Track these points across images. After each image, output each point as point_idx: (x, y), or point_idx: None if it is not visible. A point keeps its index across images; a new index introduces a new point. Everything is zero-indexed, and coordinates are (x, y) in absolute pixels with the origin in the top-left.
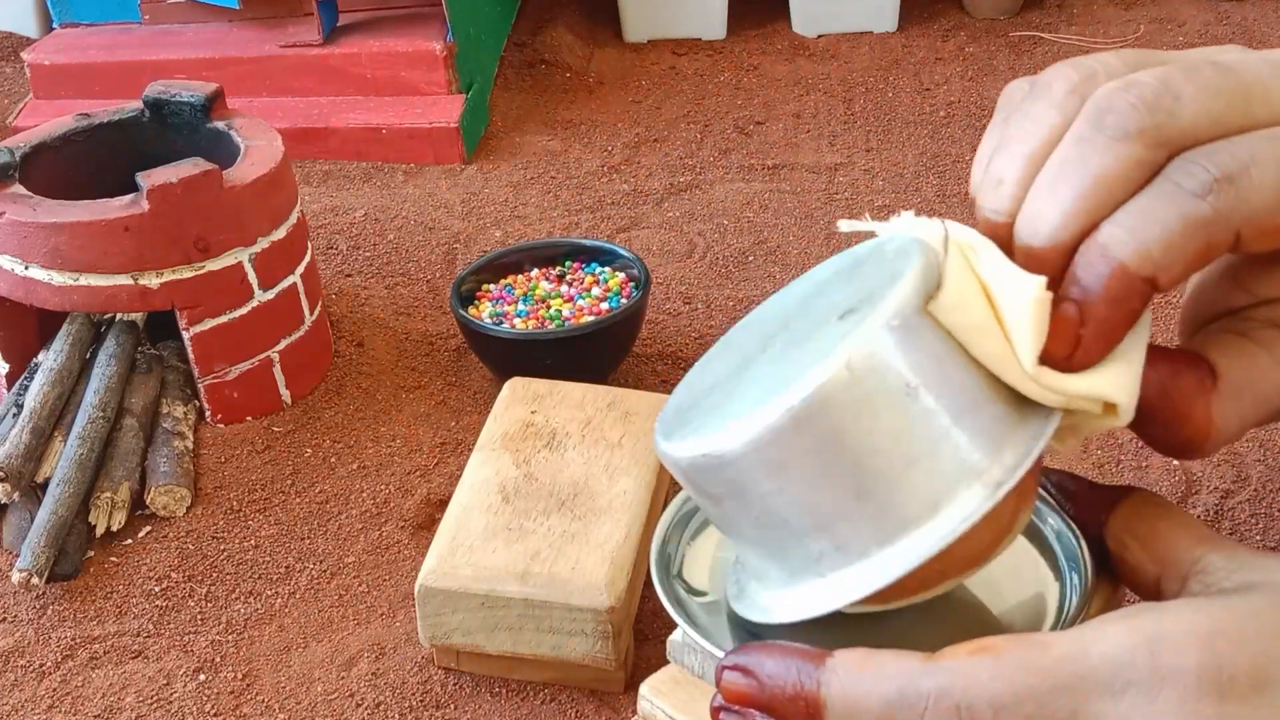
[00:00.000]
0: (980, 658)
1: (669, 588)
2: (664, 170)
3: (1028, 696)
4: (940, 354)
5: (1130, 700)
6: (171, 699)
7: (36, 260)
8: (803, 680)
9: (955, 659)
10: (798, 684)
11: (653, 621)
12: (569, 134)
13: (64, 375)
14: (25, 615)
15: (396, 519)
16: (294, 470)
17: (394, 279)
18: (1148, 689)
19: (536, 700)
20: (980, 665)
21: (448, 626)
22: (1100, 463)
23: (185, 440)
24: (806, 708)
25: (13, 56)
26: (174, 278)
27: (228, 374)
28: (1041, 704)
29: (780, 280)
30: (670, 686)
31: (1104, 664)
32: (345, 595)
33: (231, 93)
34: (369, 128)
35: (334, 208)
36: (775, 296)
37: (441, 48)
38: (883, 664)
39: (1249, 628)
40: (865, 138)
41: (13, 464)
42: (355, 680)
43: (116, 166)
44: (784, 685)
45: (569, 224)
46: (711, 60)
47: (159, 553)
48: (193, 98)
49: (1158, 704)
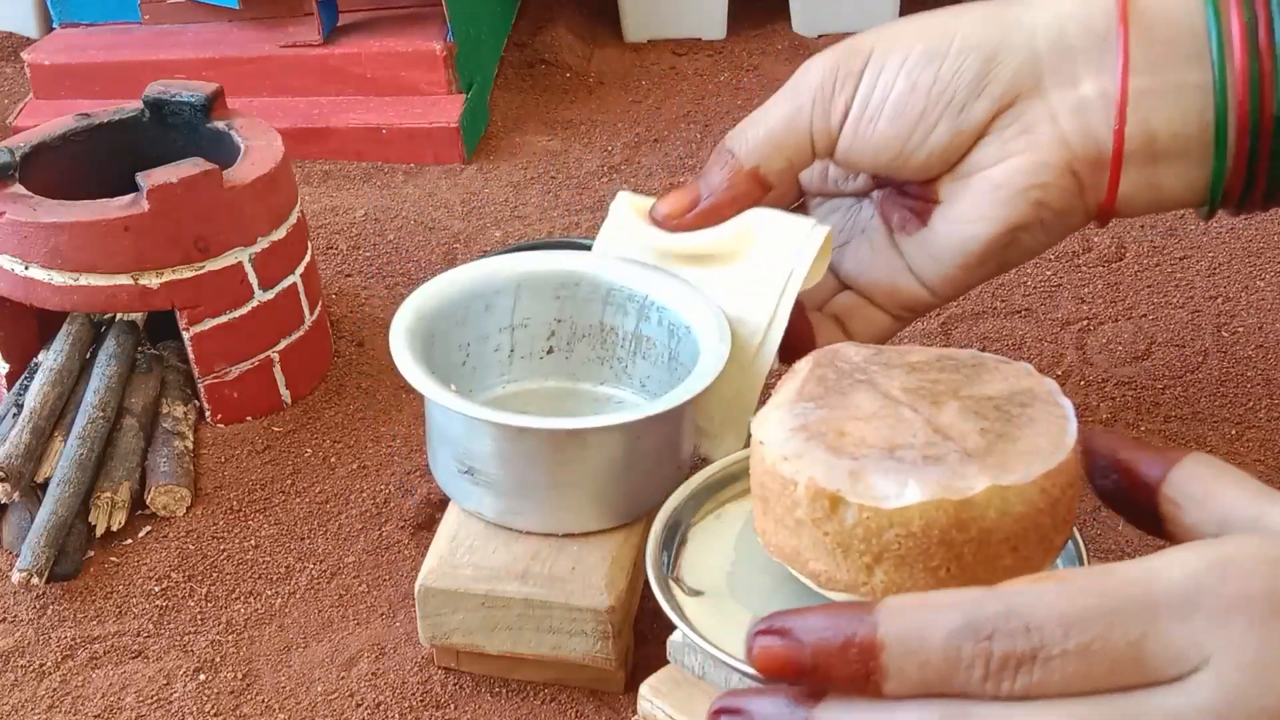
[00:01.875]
0: (1045, 583)
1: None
2: (664, 170)
3: (1097, 615)
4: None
5: (1199, 623)
6: (171, 699)
7: (36, 260)
8: (854, 627)
9: (1018, 585)
10: (849, 631)
11: (653, 621)
12: (569, 134)
13: (64, 375)
14: (25, 615)
15: (396, 519)
16: (294, 470)
17: (394, 279)
18: (1217, 613)
19: (536, 700)
20: (1046, 588)
21: (448, 626)
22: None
23: (185, 440)
24: (860, 654)
25: (13, 56)
26: (174, 278)
27: (228, 374)
28: (1110, 623)
29: None
30: (670, 686)
31: (1173, 588)
32: (345, 595)
33: (231, 93)
34: (369, 128)
35: (334, 208)
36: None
37: (441, 48)
38: (940, 598)
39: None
40: None
41: (13, 464)
42: (355, 680)
43: (116, 166)
44: (831, 637)
45: (569, 224)
46: (711, 60)
47: (159, 553)
48: (193, 98)
49: (1227, 628)
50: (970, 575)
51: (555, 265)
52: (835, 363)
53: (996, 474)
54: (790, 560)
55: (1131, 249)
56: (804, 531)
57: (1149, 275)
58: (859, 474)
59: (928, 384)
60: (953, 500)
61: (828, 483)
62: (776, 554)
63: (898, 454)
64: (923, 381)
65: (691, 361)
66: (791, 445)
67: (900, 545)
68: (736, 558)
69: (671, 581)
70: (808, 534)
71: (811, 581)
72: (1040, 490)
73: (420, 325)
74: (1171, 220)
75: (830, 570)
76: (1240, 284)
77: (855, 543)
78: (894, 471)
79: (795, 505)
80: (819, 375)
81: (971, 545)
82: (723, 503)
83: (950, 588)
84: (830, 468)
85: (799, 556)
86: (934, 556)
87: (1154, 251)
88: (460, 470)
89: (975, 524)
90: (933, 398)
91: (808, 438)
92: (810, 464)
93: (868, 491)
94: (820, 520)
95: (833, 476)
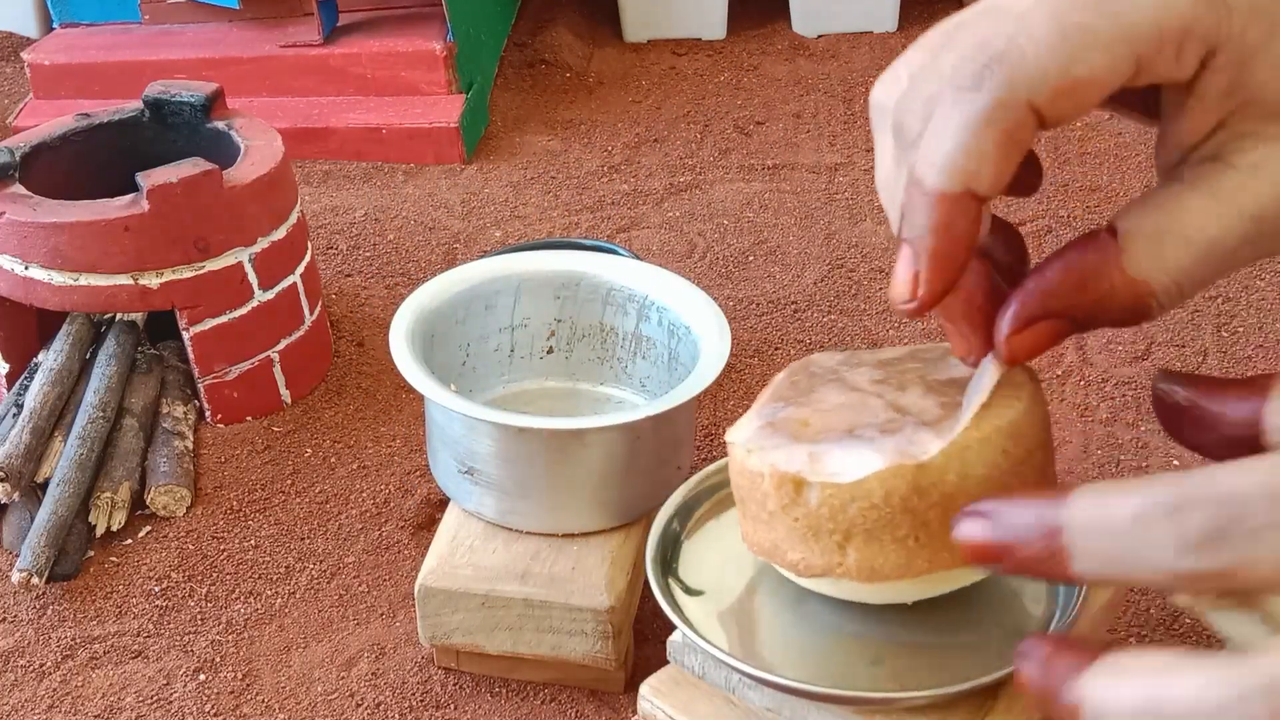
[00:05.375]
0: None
1: (665, 588)
2: (664, 170)
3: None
4: None
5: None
6: (171, 699)
7: (37, 260)
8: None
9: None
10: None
11: (653, 621)
12: (569, 134)
13: (64, 375)
14: (25, 615)
15: (396, 519)
16: (294, 470)
17: (394, 279)
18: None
19: (536, 700)
20: (1247, 461)
21: (448, 626)
22: (1101, 463)
23: (185, 440)
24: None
25: (13, 56)
26: (174, 278)
27: (228, 374)
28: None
29: (780, 280)
30: (670, 686)
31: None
32: (345, 595)
33: (231, 93)
34: (369, 128)
35: (334, 208)
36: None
37: (441, 48)
38: (1134, 483)
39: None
40: (865, 138)
41: (13, 464)
42: (355, 680)
43: (116, 166)
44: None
45: (569, 224)
46: (711, 60)
47: (159, 553)
48: (193, 98)
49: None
50: (940, 543)
51: (555, 265)
52: (809, 369)
53: (947, 436)
54: (770, 555)
55: None
56: (777, 522)
57: None
58: (818, 455)
59: (895, 374)
60: (909, 465)
61: (788, 466)
62: (758, 552)
63: (857, 433)
64: (890, 373)
65: (691, 361)
66: (757, 440)
67: (865, 519)
68: (736, 558)
69: (671, 581)
70: (781, 524)
71: (791, 572)
72: (1002, 452)
73: (420, 325)
74: None
75: (807, 557)
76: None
77: (823, 523)
78: (852, 449)
79: (765, 497)
80: (792, 381)
81: (936, 510)
82: (722, 503)
83: (919, 555)
84: (790, 453)
85: (777, 549)
86: (900, 525)
87: None
88: (460, 470)
89: (935, 489)
90: (898, 383)
91: (773, 432)
92: (773, 453)
93: (825, 469)
94: (788, 506)
95: (793, 460)
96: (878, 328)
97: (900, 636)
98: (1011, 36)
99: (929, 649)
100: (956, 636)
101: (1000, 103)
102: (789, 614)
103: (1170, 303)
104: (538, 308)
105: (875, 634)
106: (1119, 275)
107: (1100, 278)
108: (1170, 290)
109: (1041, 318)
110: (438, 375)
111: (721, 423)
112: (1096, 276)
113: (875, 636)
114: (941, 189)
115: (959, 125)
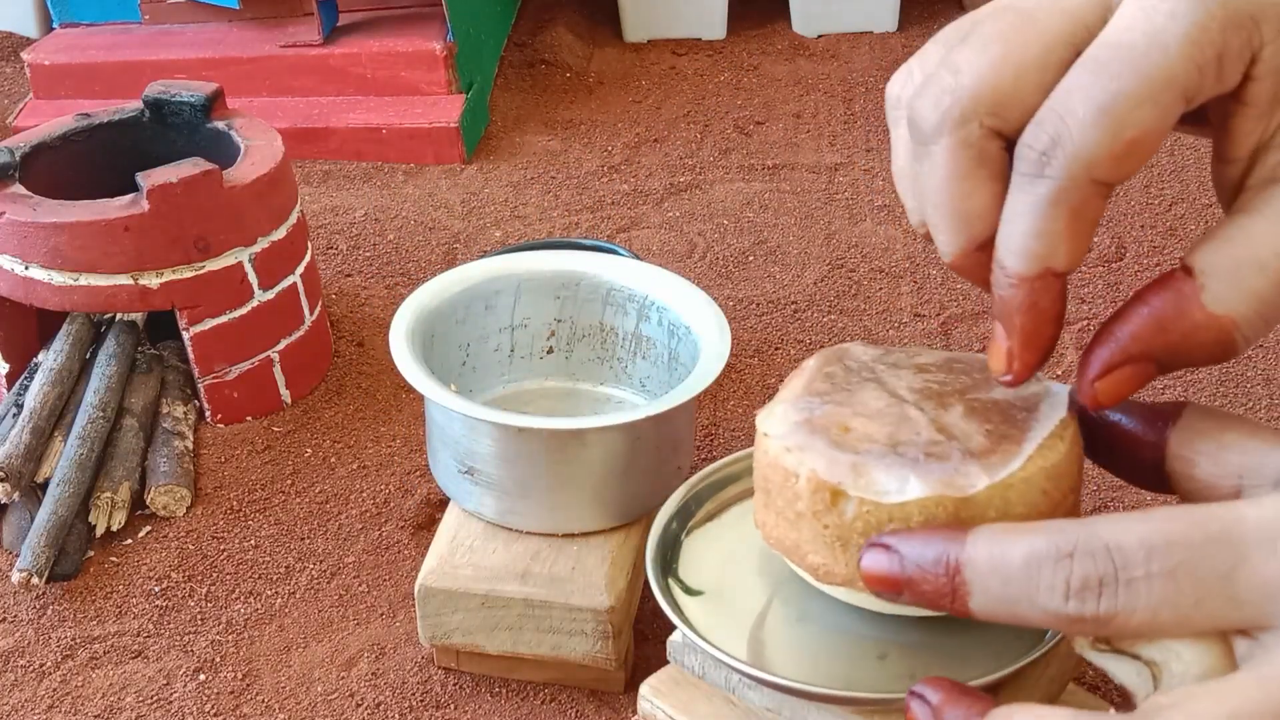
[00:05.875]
0: (1129, 514)
1: (665, 588)
2: (664, 170)
3: (1181, 543)
4: None
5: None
6: (171, 699)
7: (36, 260)
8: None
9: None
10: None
11: (653, 621)
12: (569, 134)
13: (64, 375)
14: (25, 615)
15: (396, 519)
16: (294, 470)
17: (394, 279)
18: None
19: (536, 700)
20: (1130, 515)
21: (448, 626)
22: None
23: (185, 440)
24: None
25: (13, 56)
26: (174, 278)
27: (228, 374)
28: (1194, 553)
29: (780, 280)
30: (670, 686)
31: (1262, 523)
32: (345, 595)
33: (231, 93)
34: (369, 128)
35: (334, 208)
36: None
37: (441, 48)
38: (1029, 525)
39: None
40: (865, 138)
41: (13, 464)
42: (355, 680)
43: (116, 166)
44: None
45: (569, 224)
46: (711, 60)
47: (159, 553)
48: (193, 98)
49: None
50: None
51: (555, 265)
52: (843, 360)
53: (997, 474)
54: (789, 553)
55: (1131, 249)
56: (804, 524)
57: (1149, 275)
58: (861, 468)
59: (935, 385)
60: (953, 498)
61: (829, 475)
62: (776, 546)
63: (900, 450)
64: (929, 382)
65: (691, 361)
66: (795, 438)
67: None
68: (736, 558)
69: (671, 581)
70: (808, 526)
71: (810, 575)
72: (1042, 493)
73: (420, 325)
74: (1171, 220)
75: (829, 564)
76: None
77: (854, 536)
78: (896, 467)
79: (796, 498)
80: (826, 372)
81: None
82: (722, 503)
83: None
84: (832, 461)
85: (798, 549)
86: None
87: (1154, 251)
88: (460, 470)
89: (974, 522)
90: (939, 398)
91: (812, 431)
92: (813, 456)
93: (869, 486)
94: (820, 513)
95: (834, 470)
96: (878, 328)
97: (901, 638)
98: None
99: (930, 649)
100: (957, 637)
101: (1063, 187)
102: (789, 614)
103: (1255, 334)
104: (538, 308)
105: (877, 635)
106: (1200, 313)
107: (1182, 317)
108: (1254, 321)
109: (1124, 362)
110: (438, 375)
111: (721, 423)
112: (1178, 316)
113: (877, 637)
114: (1021, 272)
115: (1028, 209)
